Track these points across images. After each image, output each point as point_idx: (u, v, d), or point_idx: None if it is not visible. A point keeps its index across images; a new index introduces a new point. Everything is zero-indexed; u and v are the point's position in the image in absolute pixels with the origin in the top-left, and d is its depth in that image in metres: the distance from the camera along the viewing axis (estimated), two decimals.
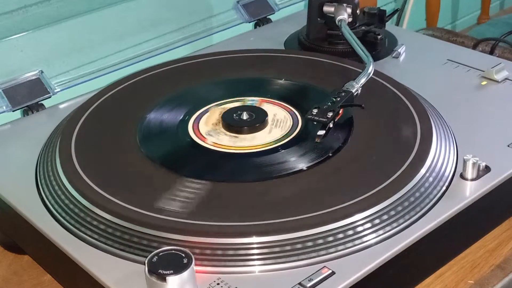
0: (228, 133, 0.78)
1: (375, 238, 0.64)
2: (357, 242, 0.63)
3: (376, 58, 0.93)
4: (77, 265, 0.64)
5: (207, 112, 0.82)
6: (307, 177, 0.70)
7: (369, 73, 0.85)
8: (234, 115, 0.80)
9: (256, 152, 0.75)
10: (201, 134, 0.78)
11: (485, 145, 0.76)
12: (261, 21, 1.14)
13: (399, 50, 0.97)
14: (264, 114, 0.80)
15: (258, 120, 0.79)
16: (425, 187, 0.68)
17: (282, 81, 0.89)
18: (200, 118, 0.81)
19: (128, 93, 0.88)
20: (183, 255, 0.58)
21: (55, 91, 0.94)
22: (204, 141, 0.77)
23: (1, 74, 0.91)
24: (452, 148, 0.75)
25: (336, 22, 0.96)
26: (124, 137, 0.78)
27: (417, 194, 0.68)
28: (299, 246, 0.62)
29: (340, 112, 0.77)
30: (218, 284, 0.60)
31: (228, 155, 0.74)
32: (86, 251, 0.65)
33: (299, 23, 1.06)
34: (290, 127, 0.79)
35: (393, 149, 0.74)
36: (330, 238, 0.63)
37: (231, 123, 0.79)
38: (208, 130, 0.79)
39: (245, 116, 0.80)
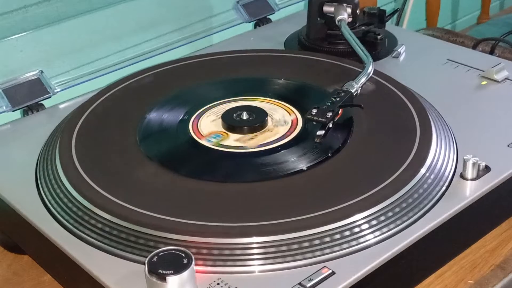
0: (228, 133, 0.78)
1: (375, 238, 0.64)
2: (357, 242, 0.63)
3: (376, 58, 0.93)
4: (77, 265, 0.64)
5: (207, 112, 0.82)
6: (307, 177, 0.70)
7: (369, 73, 0.85)
8: (234, 115, 0.80)
9: (256, 152, 0.75)
10: (201, 134, 0.78)
11: (485, 145, 0.76)
12: (261, 21, 1.14)
13: (399, 50, 0.97)
14: (264, 114, 0.80)
15: (258, 120, 0.79)
16: (425, 187, 0.68)
17: (282, 81, 0.89)
18: (200, 118, 0.81)
19: (128, 93, 0.88)
20: (183, 255, 0.58)
21: (55, 91, 0.94)
22: (204, 141, 0.77)
23: (1, 74, 0.91)
24: (452, 148, 0.75)
25: (336, 22, 0.96)
26: (124, 137, 0.78)
27: (417, 194, 0.68)
28: (299, 246, 0.62)
29: (340, 112, 0.77)
30: (218, 284, 0.60)
31: (228, 155, 0.74)
32: (86, 251, 0.65)
33: (299, 23, 1.06)
34: (290, 127, 0.79)
35: (393, 149, 0.74)
36: (330, 238, 0.63)
37: (231, 123, 0.79)
38: (208, 130, 0.79)
39: (245, 116, 0.80)
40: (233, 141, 0.77)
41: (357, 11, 0.98)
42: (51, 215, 0.70)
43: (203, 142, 0.76)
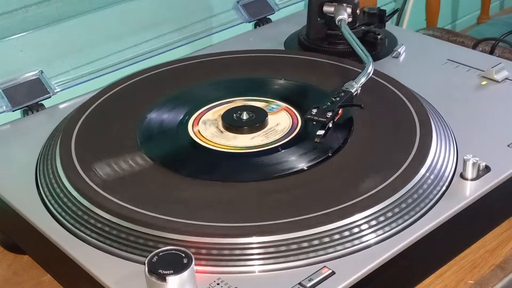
0: (228, 133, 0.78)
1: (375, 238, 0.64)
2: (357, 242, 0.63)
3: (376, 58, 0.93)
4: (77, 265, 0.64)
5: (207, 112, 0.82)
6: (307, 177, 0.70)
7: (369, 73, 0.85)
8: (234, 115, 0.80)
9: (256, 152, 0.75)
10: (201, 134, 0.78)
11: (485, 145, 0.76)
12: (261, 21, 1.14)
13: (399, 50, 0.97)
14: (264, 114, 0.80)
15: (258, 120, 0.79)
16: (425, 187, 0.68)
17: (282, 81, 0.89)
18: (200, 118, 0.81)
19: (128, 93, 0.88)
20: (183, 255, 0.58)
21: (55, 91, 0.94)
22: (204, 141, 0.77)
23: (1, 74, 0.91)
24: (452, 148, 0.75)
25: (336, 22, 0.96)
26: (124, 137, 0.78)
27: (417, 194, 0.68)
28: (299, 246, 0.62)
29: (340, 112, 0.77)
30: (218, 284, 0.60)
31: (228, 155, 0.74)
32: (86, 251, 0.65)
33: (299, 23, 1.06)
34: (290, 127, 0.79)
35: (393, 149, 0.74)
36: (330, 238, 0.63)
37: (231, 123, 0.79)
38: (208, 129, 0.79)
39: (245, 116, 0.80)
40: (233, 141, 0.77)
41: (357, 11, 0.98)
42: (51, 215, 0.70)
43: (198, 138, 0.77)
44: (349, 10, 0.96)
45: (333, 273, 0.60)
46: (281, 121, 0.80)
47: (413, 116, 0.78)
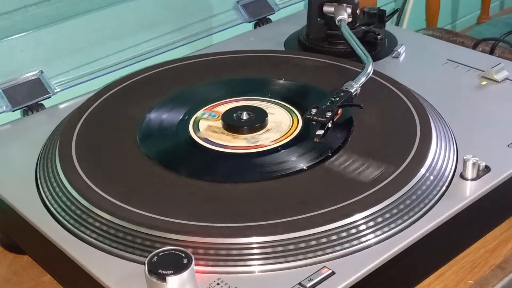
0: (228, 133, 0.78)
1: (375, 238, 0.64)
2: (357, 242, 0.63)
3: (376, 58, 0.93)
4: (77, 265, 0.64)
5: (207, 112, 0.82)
6: (306, 177, 0.70)
7: (369, 73, 0.85)
8: (234, 115, 0.80)
9: (256, 152, 0.75)
10: (201, 134, 0.78)
11: (485, 145, 0.76)
12: (261, 21, 1.14)
13: (399, 50, 0.97)
14: (264, 114, 0.80)
15: (258, 120, 0.79)
16: (423, 188, 0.68)
17: (282, 81, 0.89)
18: (200, 118, 0.81)
19: (128, 93, 0.88)
20: (183, 255, 0.58)
21: (55, 91, 0.94)
22: (204, 141, 0.77)
23: (1, 74, 0.91)
24: (452, 148, 0.75)
25: (336, 22, 0.96)
26: (124, 137, 0.78)
27: (417, 194, 0.68)
28: (299, 246, 0.62)
29: (339, 112, 0.77)
30: (218, 284, 0.60)
31: (228, 155, 0.74)
32: (86, 251, 0.65)
33: (299, 23, 1.06)
34: (290, 127, 0.79)
35: (392, 149, 0.74)
36: (330, 238, 0.63)
37: (231, 123, 0.79)
38: (208, 130, 0.79)
39: (245, 116, 0.80)
40: (233, 141, 0.77)
41: (357, 11, 0.98)
42: (51, 215, 0.70)
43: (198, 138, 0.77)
44: (349, 10, 0.97)
45: (333, 273, 0.60)
46: (281, 121, 0.80)
47: (413, 116, 0.78)
